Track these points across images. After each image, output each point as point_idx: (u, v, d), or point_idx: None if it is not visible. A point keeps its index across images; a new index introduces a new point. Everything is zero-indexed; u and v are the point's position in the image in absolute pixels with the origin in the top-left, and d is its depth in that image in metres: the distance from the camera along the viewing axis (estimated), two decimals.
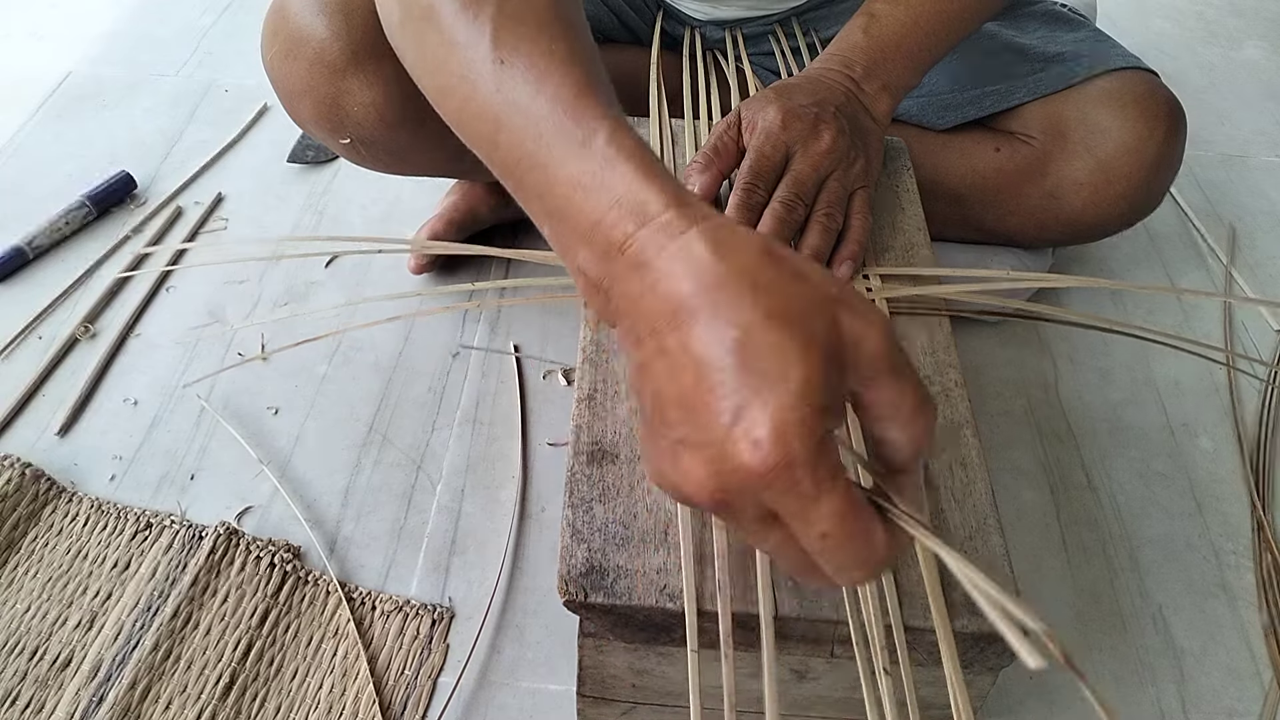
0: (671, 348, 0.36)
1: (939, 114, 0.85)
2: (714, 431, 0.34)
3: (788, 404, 0.33)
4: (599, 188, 0.39)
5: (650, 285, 0.37)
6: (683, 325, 0.35)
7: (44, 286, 0.91)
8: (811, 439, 0.33)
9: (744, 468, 0.33)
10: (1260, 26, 1.50)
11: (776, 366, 0.33)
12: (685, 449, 0.35)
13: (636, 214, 0.38)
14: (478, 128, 0.44)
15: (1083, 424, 0.84)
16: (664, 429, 0.36)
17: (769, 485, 0.33)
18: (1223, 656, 0.69)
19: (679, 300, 0.36)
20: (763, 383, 0.33)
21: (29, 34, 1.28)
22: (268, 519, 0.73)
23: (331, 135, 0.74)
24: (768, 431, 0.33)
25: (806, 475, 0.33)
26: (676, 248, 0.37)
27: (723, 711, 0.45)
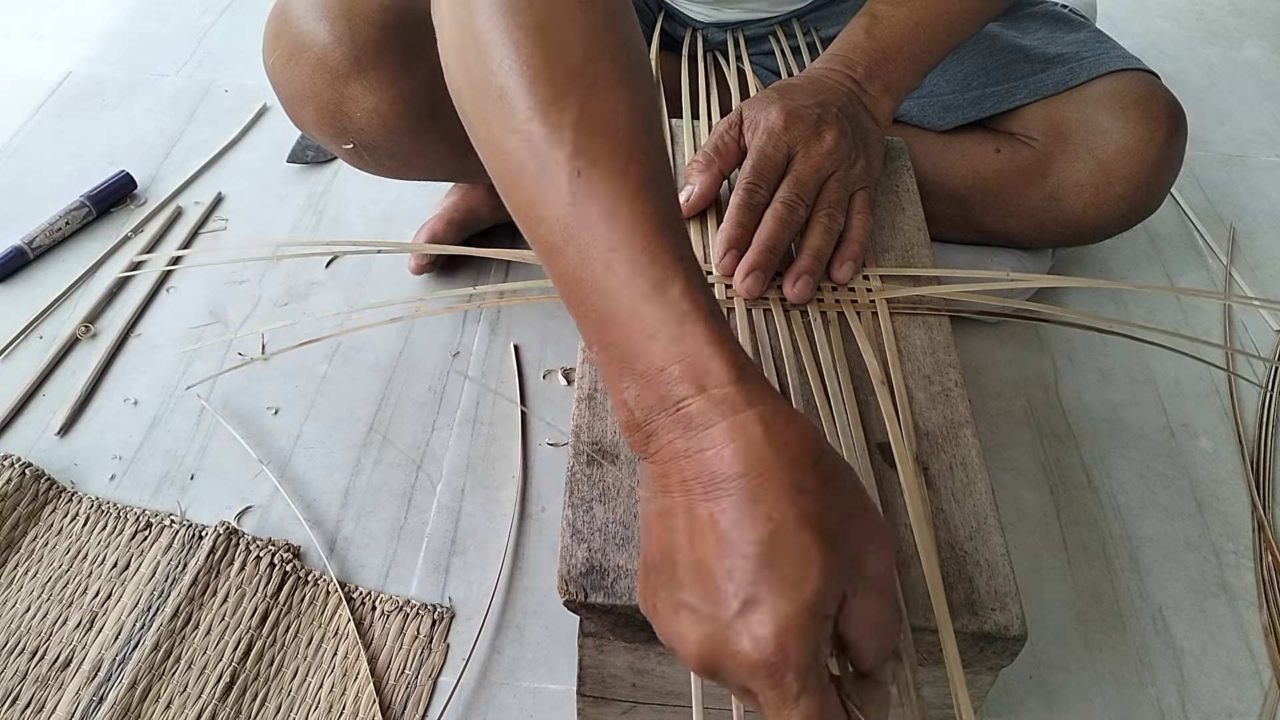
0: (699, 514, 0.37)
1: (940, 115, 0.85)
2: (720, 612, 0.36)
3: (796, 611, 0.35)
4: (668, 341, 0.39)
5: (696, 450, 0.38)
6: (719, 499, 0.37)
7: (44, 286, 0.91)
8: (808, 647, 0.35)
9: (739, 655, 0.36)
10: (1260, 26, 1.50)
11: (796, 571, 0.35)
12: (687, 613, 0.37)
13: (700, 379, 0.38)
14: (543, 233, 0.42)
15: (1083, 424, 0.85)
16: (670, 581, 0.38)
17: (757, 676, 0.36)
18: (1223, 656, 0.69)
19: (722, 475, 0.37)
20: (780, 583, 0.35)
21: (29, 34, 1.28)
22: (268, 519, 0.73)
23: (334, 140, 0.74)
24: (771, 632, 0.35)
25: (794, 678, 0.35)
26: (731, 425, 0.37)
27: (722, 711, 0.45)
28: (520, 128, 0.41)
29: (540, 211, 0.42)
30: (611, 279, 0.40)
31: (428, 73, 0.71)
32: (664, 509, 0.39)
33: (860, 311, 0.61)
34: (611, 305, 0.40)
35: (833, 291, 0.62)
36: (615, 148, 0.41)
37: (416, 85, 0.71)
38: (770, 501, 0.36)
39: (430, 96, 0.72)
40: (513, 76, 0.42)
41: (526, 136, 0.41)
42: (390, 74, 0.70)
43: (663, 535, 0.39)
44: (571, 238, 0.41)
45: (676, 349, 0.39)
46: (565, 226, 0.41)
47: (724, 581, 0.36)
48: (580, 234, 0.40)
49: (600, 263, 0.40)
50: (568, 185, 0.40)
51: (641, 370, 0.40)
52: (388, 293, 0.93)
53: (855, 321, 0.60)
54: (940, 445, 0.55)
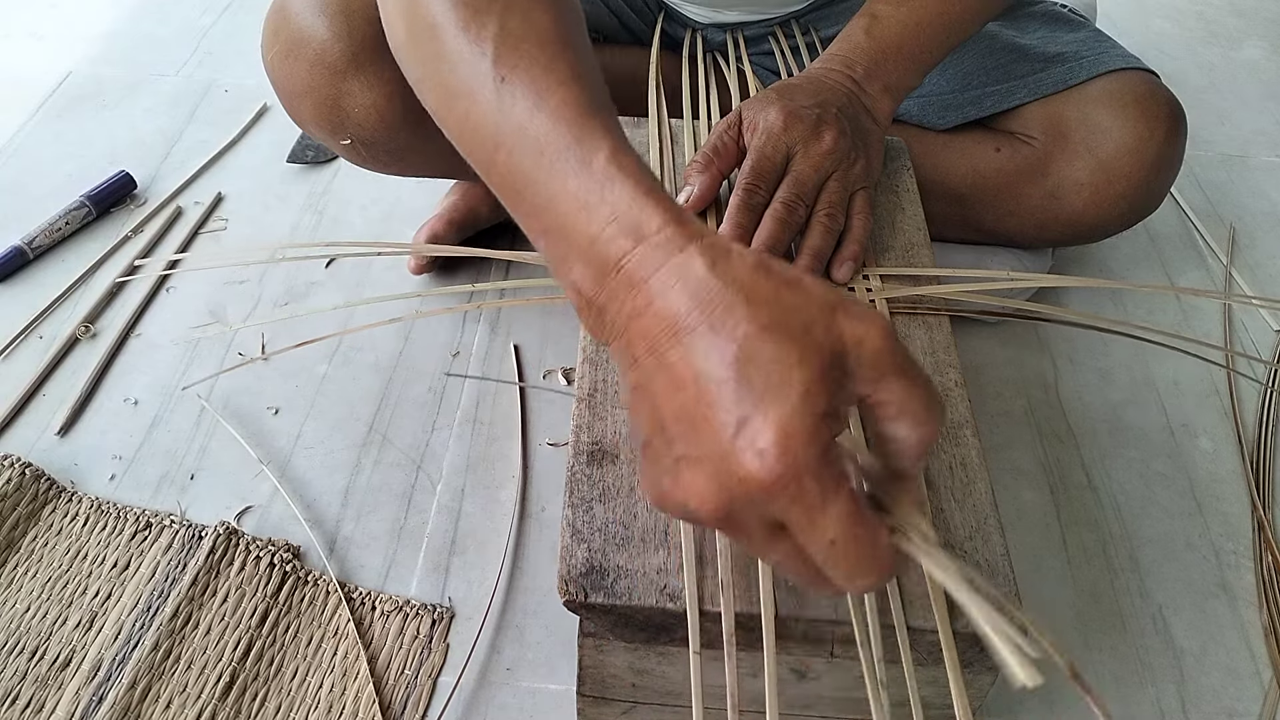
0: (671, 363, 0.36)
1: (939, 114, 0.85)
2: (717, 445, 0.34)
3: (790, 413, 0.33)
4: (598, 204, 0.39)
5: (646, 303, 0.37)
6: (681, 341, 0.36)
7: (44, 286, 0.91)
8: (816, 446, 0.33)
9: (749, 478, 0.33)
10: (1260, 26, 1.50)
11: (777, 376, 0.34)
12: (688, 465, 0.35)
13: (634, 231, 0.38)
14: (478, 143, 0.44)
15: (1083, 424, 0.85)
16: (664, 447, 0.37)
17: (775, 495, 0.34)
18: (1223, 656, 0.69)
19: (676, 316, 0.36)
20: (764, 393, 0.34)
21: (29, 34, 1.28)
22: (268, 519, 0.73)
23: (332, 136, 0.74)
24: (771, 441, 0.33)
25: (812, 483, 0.33)
26: (673, 265, 0.37)
27: (722, 711, 0.45)
28: (447, 51, 0.44)
29: (472, 124, 0.44)
30: (541, 167, 0.41)
31: None
32: (638, 382, 0.38)
33: None
34: (545, 191, 0.41)
35: None
36: (537, 53, 0.43)
37: None
38: (729, 324, 0.35)
39: None
40: (441, 9, 0.45)
41: (452, 57, 0.44)
42: (388, 70, 0.70)
43: (645, 405, 0.38)
44: (501, 141, 0.42)
45: (607, 210, 0.39)
46: (496, 132, 0.43)
47: (712, 415, 0.34)
48: (511, 134, 0.42)
49: (530, 156, 0.42)
50: (493, 92, 0.42)
51: (583, 246, 0.40)
52: (388, 293, 0.93)
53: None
54: (940, 445, 0.55)
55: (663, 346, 0.36)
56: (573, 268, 0.41)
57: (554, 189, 0.41)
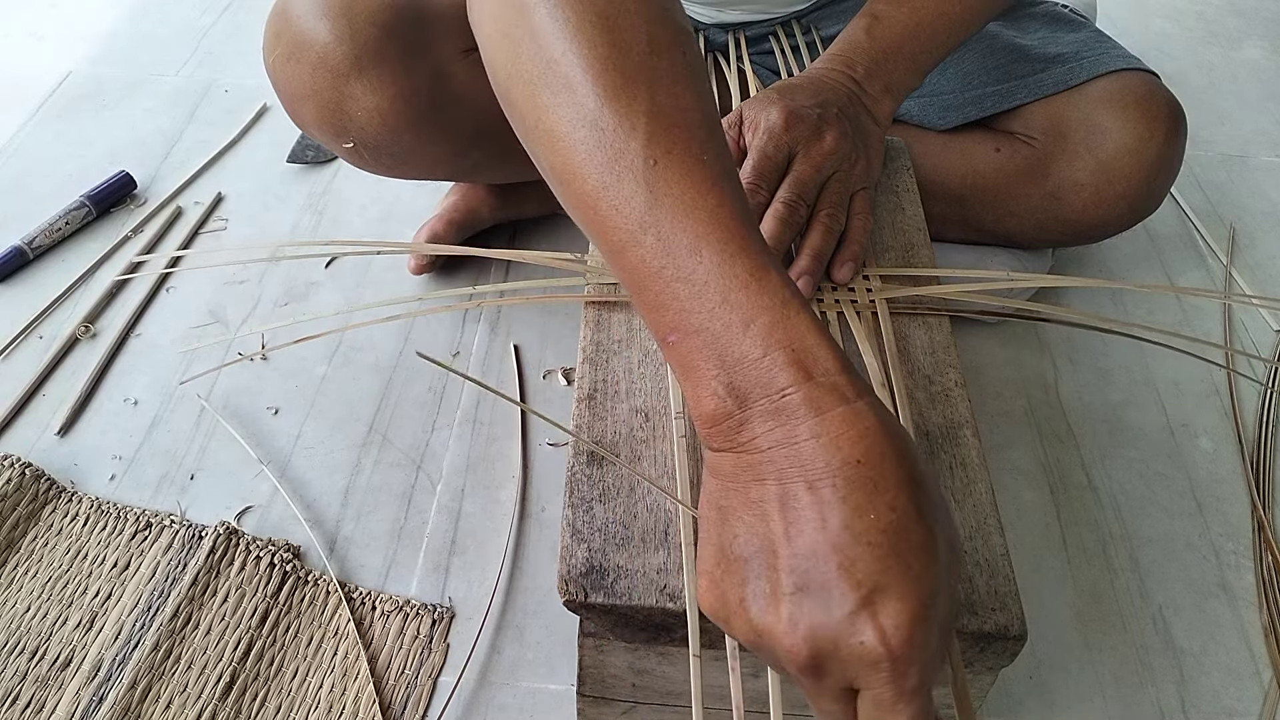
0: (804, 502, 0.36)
1: (940, 114, 0.85)
2: (843, 602, 0.35)
3: (922, 603, 0.34)
4: (768, 326, 0.38)
5: (806, 438, 0.37)
6: (835, 488, 0.36)
7: (44, 286, 0.91)
8: (931, 641, 0.35)
9: (865, 647, 0.34)
10: (1260, 26, 1.50)
11: (919, 564, 0.35)
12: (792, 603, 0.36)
13: (806, 366, 0.38)
14: (616, 223, 0.41)
15: (1083, 424, 0.85)
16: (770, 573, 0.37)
17: (879, 671, 0.35)
18: (1223, 656, 0.69)
19: (837, 463, 0.36)
20: (906, 573, 0.35)
21: (29, 34, 1.28)
22: (268, 519, 0.73)
23: (334, 139, 0.74)
24: (901, 624, 0.34)
25: (917, 673, 0.35)
26: (847, 412, 0.37)
27: (721, 711, 0.45)
28: (588, 116, 0.41)
29: (612, 201, 0.41)
30: (699, 266, 0.39)
31: (428, 71, 0.71)
32: (757, 498, 0.38)
33: (860, 312, 0.61)
34: (701, 293, 0.39)
35: (833, 292, 0.62)
36: (689, 138, 0.41)
37: (417, 84, 0.71)
38: (892, 491, 0.35)
39: (431, 95, 0.72)
40: (578, 66, 0.41)
41: (595, 125, 0.41)
42: (391, 73, 0.70)
43: (754, 525, 0.38)
44: (649, 226, 0.40)
45: (779, 335, 0.38)
46: (642, 216, 0.40)
47: (846, 570, 0.35)
48: (659, 222, 0.40)
49: (685, 250, 0.40)
50: (643, 173, 0.40)
51: (737, 358, 0.39)
52: (388, 293, 0.93)
53: (855, 322, 0.60)
54: (940, 445, 0.55)
55: (799, 482, 0.37)
56: (717, 375, 0.39)
57: (713, 294, 0.39)
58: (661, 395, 0.56)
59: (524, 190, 0.94)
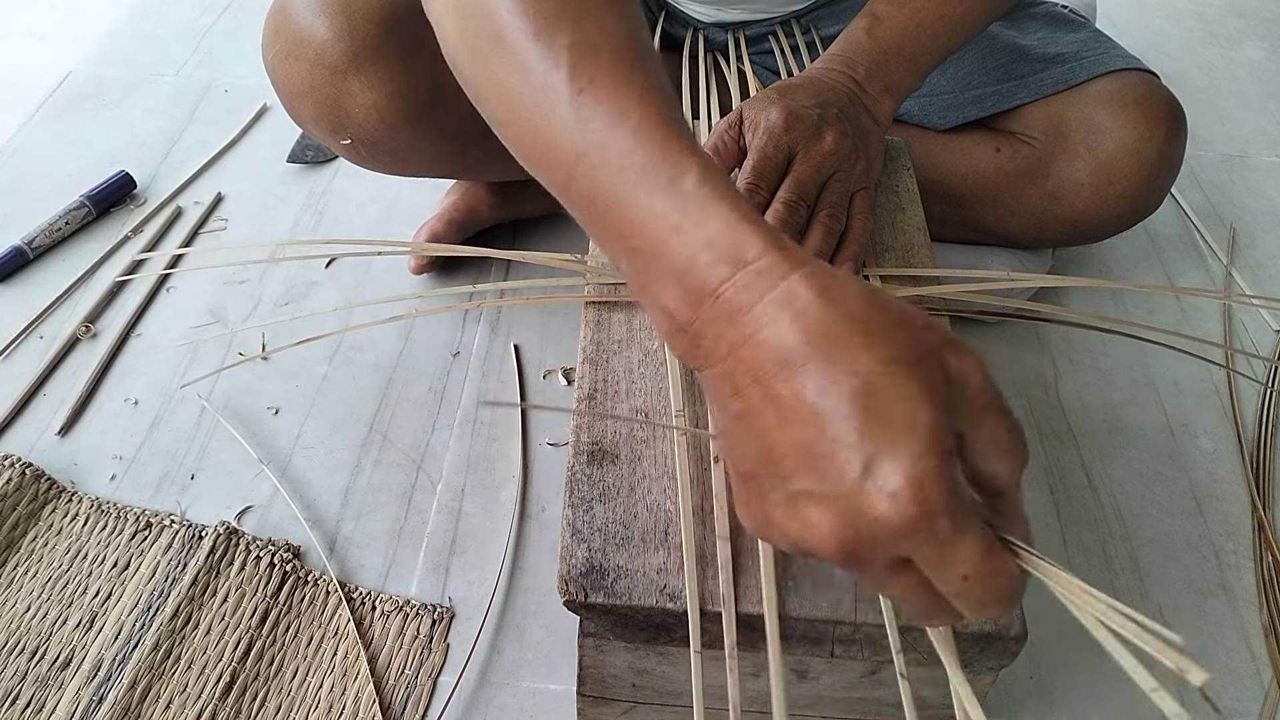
0: (783, 396, 0.35)
1: (940, 114, 0.85)
2: (843, 484, 0.34)
3: (920, 453, 0.33)
4: (691, 227, 0.38)
5: (751, 332, 0.36)
6: (795, 374, 0.35)
7: (44, 286, 0.91)
8: (947, 483, 0.33)
9: (882, 520, 0.33)
10: (1260, 26, 1.50)
11: (903, 415, 0.33)
12: (808, 501, 0.35)
13: (732, 257, 0.37)
14: (552, 158, 0.42)
15: (1083, 424, 0.85)
16: (777, 480, 0.36)
17: (907, 536, 0.33)
18: (1223, 656, 0.69)
19: (788, 348, 0.35)
20: (891, 432, 0.33)
21: (29, 34, 1.28)
22: (268, 519, 0.73)
23: (332, 136, 0.74)
24: (904, 483, 0.33)
25: (946, 521, 0.33)
26: (779, 294, 0.36)
27: (721, 711, 0.45)
28: (517, 62, 0.42)
29: (546, 137, 0.42)
30: (625, 184, 0.40)
31: (426, 68, 0.71)
32: (742, 410, 0.37)
33: None
34: (632, 211, 0.40)
35: None
36: (613, 63, 0.41)
37: (415, 81, 0.71)
38: (847, 358, 0.34)
39: (429, 92, 0.72)
40: (509, 17, 0.43)
41: (524, 68, 0.42)
42: (389, 70, 0.70)
43: (751, 436, 0.37)
44: (581, 157, 0.41)
45: (702, 233, 0.38)
46: (573, 147, 0.41)
47: (835, 453, 0.34)
48: (588, 151, 0.41)
49: (613, 171, 0.40)
50: (570, 105, 0.41)
51: (672, 267, 0.39)
52: (388, 293, 0.93)
53: None
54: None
55: (772, 378, 0.36)
56: (662, 291, 0.39)
57: (640, 210, 0.39)
58: (661, 395, 0.56)
59: (524, 189, 0.94)
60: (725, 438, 0.39)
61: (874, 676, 0.51)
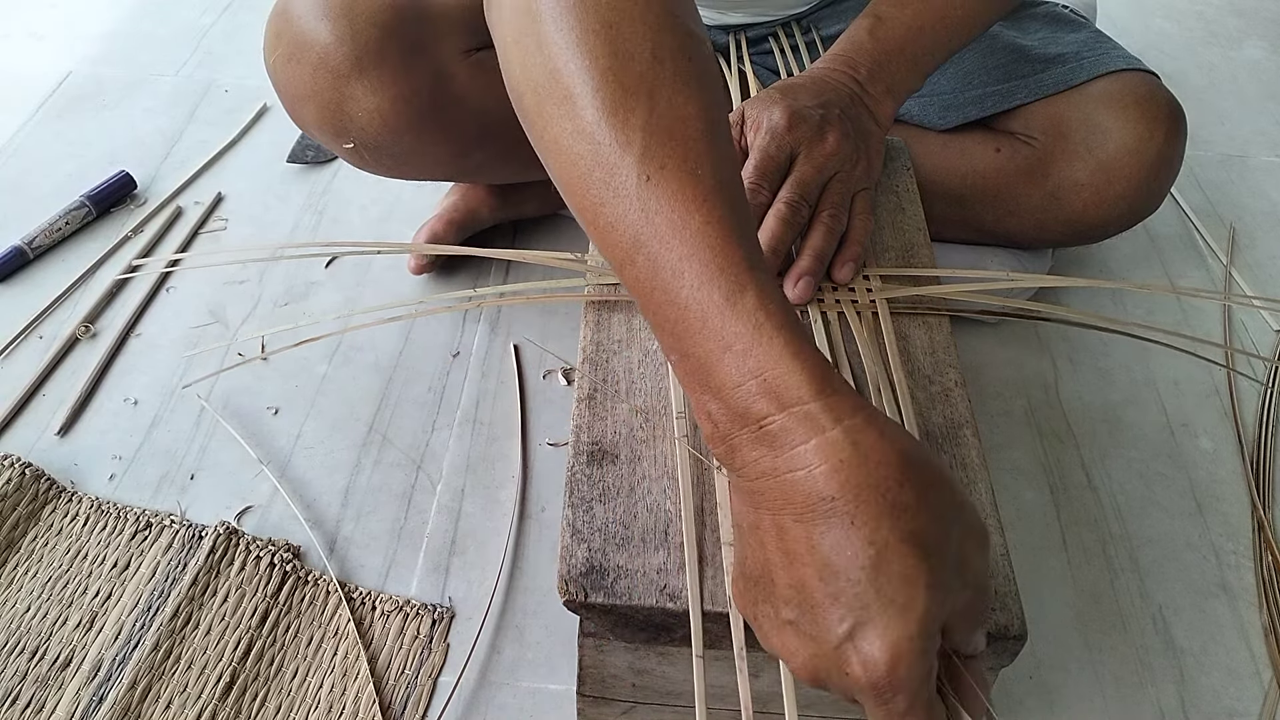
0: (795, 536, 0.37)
1: (940, 114, 0.85)
2: (828, 635, 0.36)
3: (906, 635, 0.35)
4: (742, 353, 0.38)
5: (787, 470, 0.37)
6: (817, 520, 0.36)
7: (44, 286, 0.91)
8: (919, 669, 0.35)
9: (851, 678, 0.36)
10: (1260, 26, 1.50)
11: (903, 594, 0.35)
12: (792, 631, 0.37)
13: (779, 395, 0.37)
14: (612, 237, 0.41)
15: (1083, 424, 0.85)
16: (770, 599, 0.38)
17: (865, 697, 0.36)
18: (1223, 656, 0.69)
19: (815, 498, 0.36)
20: (888, 607, 0.35)
21: (29, 34, 1.28)
22: (268, 519, 0.73)
23: (335, 139, 0.74)
24: (882, 656, 0.35)
25: (904, 700, 0.35)
26: (820, 445, 0.36)
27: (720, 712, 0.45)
28: (586, 130, 0.40)
29: (608, 218, 0.41)
30: (682, 289, 0.39)
31: (429, 72, 0.71)
32: (755, 524, 0.39)
33: (860, 312, 0.61)
34: (685, 316, 0.39)
35: (833, 292, 0.62)
36: (685, 152, 0.40)
37: (417, 85, 0.71)
38: (870, 524, 0.35)
39: (431, 96, 0.72)
40: (579, 78, 0.41)
41: (593, 139, 0.40)
42: (391, 73, 0.70)
43: (758, 551, 0.39)
44: (640, 245, 0.40)
45: (752, 363, 0.38)
46: (634, 234, 0.40)
47: (829, 605, 0.36)
48: (649, 242, 0.39)
49: (670, 272, 0.39)
50: (636, 191, 0.39)
51: (719, 385, 0.38)
52: (388, 293, 0.93)
53: (855, 322, 0.60)
54: (940, 445, 0.55)
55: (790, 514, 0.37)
56: (707, 400, 0.39)
57: (693, 319, 0.39)
58: (661, 395, 0.56)
59: (524, 190, 0.94)
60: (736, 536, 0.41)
61: None
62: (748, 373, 0.38)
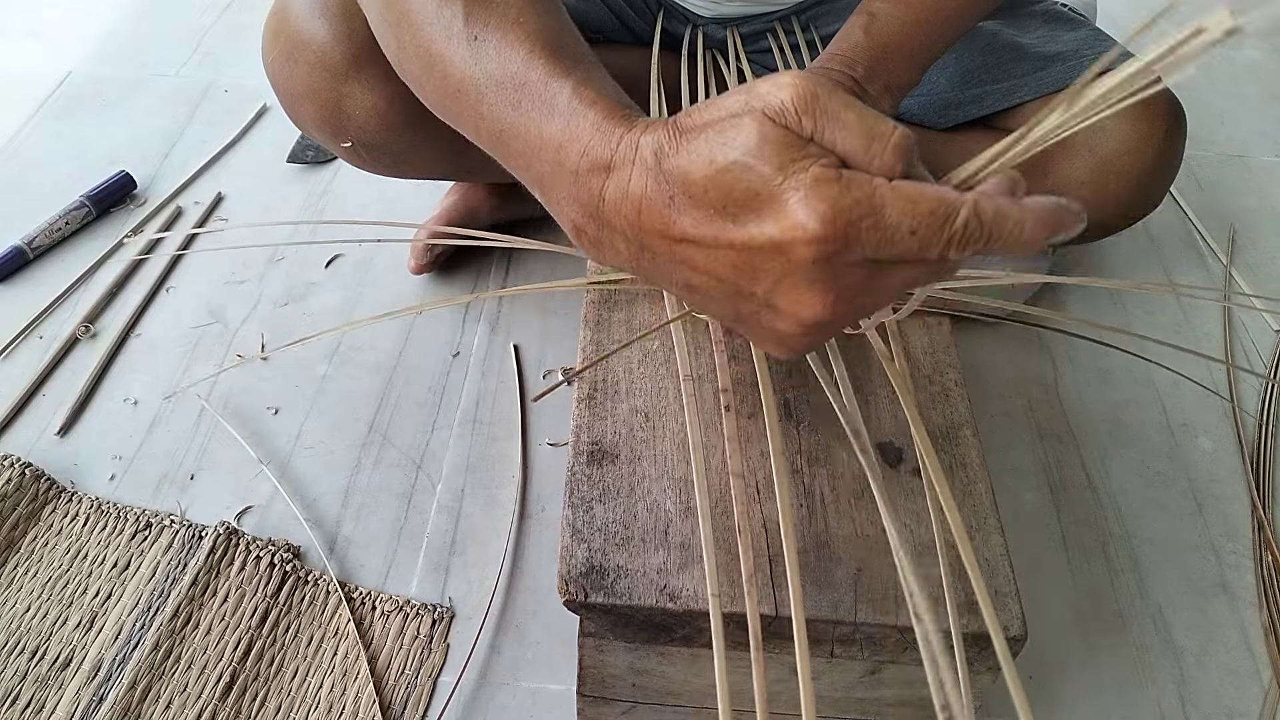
0: (677, 245, 0.39)
1: (940, 113, 0.85)
2: (772, 285, 0.37)
3: (784, 198, 0.35)
4: (569, 142, 0.41)
5: (636, 206, 0.39)
6: (675, 206, 0.38)
7: (44, 286, 0.91)
8: (830, 192, 0.35)
9: (807, 249, 0.36)
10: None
11: (748, 185, 0.36)
12: (778, 289, 0.38)
13: (603, 159, 0.40)
14: (461, 104, 0.46)
15: (1083, 424, 0.84)
16: (747, 289, 0.39)
17: (837, 249, 0.36)
18: (1223, 656, 0.69)
19: (661, 190, 0.38)
20: (760, 208, 0.36)
21: (28, 33, 1.28)
22: (268, 519, 0.73)
23: (333, 138, 0.74)
24: (796, 222, 0.35)
25: (845, 219, 0.35)
26: (638, 167, 0.39)
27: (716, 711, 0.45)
28: (418, 19, 0.46)
29: (452, 86, 0.46)
30: (519, 117, 0.43)
31: None
32: (669, 266, 0.40)
33: None
34: (526, 141, 0.43)
35: None
36: (504, 8, 0.45)
37: None
38: (672, 229, 0.38)
39: None
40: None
41: (425, 24, 0.46)
42: (388, 72, 0.69)
43: (704, 279, 0.39)
44: (484, 97, 0.44)
45: (578, 146, 0.41)
46: (476, 89, 0.45)
47: (740, 263, 0.37)
48: (489, 89, 0.44)
49: (509, 106, 0.43)
50: (467, 51, 0.45)
51: (565, 185, 0.42)
52: (388, 293, 0.93)
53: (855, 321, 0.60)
54: (940, 445, 0.55)
55: (663, 231, 0.39)
56: (566, 210, 0.43)
57: (532, 136, 0.43)
58: (661, 395, 0.56)
59: (523, 190, 0.93)
60: (697, 304, 0.42)
61: (874, 676, 0.51)
62: (576, 156, 0.41)
